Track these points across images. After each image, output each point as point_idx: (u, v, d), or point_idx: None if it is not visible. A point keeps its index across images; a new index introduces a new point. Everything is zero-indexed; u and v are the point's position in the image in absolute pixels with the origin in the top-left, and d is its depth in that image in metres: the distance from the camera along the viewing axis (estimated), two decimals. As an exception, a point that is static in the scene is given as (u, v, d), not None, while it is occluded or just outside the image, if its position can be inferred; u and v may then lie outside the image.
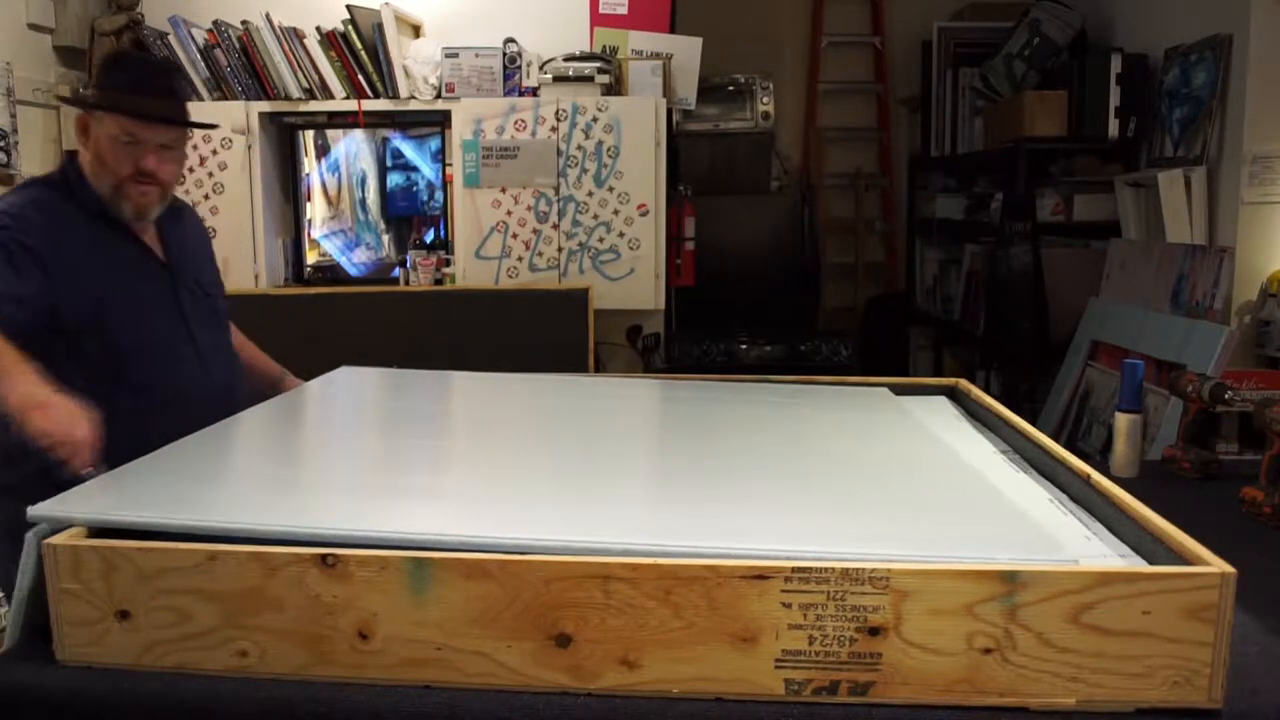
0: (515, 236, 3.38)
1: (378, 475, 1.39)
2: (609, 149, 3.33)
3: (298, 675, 1.02)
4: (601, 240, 3.35)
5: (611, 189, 3.34)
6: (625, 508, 1.23)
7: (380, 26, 3.34)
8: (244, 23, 3.38)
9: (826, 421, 1.69)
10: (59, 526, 1.07)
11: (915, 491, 1.29)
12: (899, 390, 2.02)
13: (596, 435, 1.61)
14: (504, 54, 3.39)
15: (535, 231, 3.37)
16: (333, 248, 3.86)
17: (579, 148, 3.33)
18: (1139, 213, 3.44)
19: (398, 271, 3.64)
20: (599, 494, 1.27)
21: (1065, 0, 3.85)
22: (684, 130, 3.78)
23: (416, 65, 3.39)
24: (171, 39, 3.39)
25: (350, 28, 3.37)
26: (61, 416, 1.36)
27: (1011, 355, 3.76)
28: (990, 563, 0.97)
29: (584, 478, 1.35)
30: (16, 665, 1.07)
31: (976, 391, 1.93)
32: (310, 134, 3.73)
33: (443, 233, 3.72)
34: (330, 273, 3.80)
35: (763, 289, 4.05)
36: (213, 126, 2.20)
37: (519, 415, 1.79)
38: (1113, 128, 3.46)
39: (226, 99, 3.43)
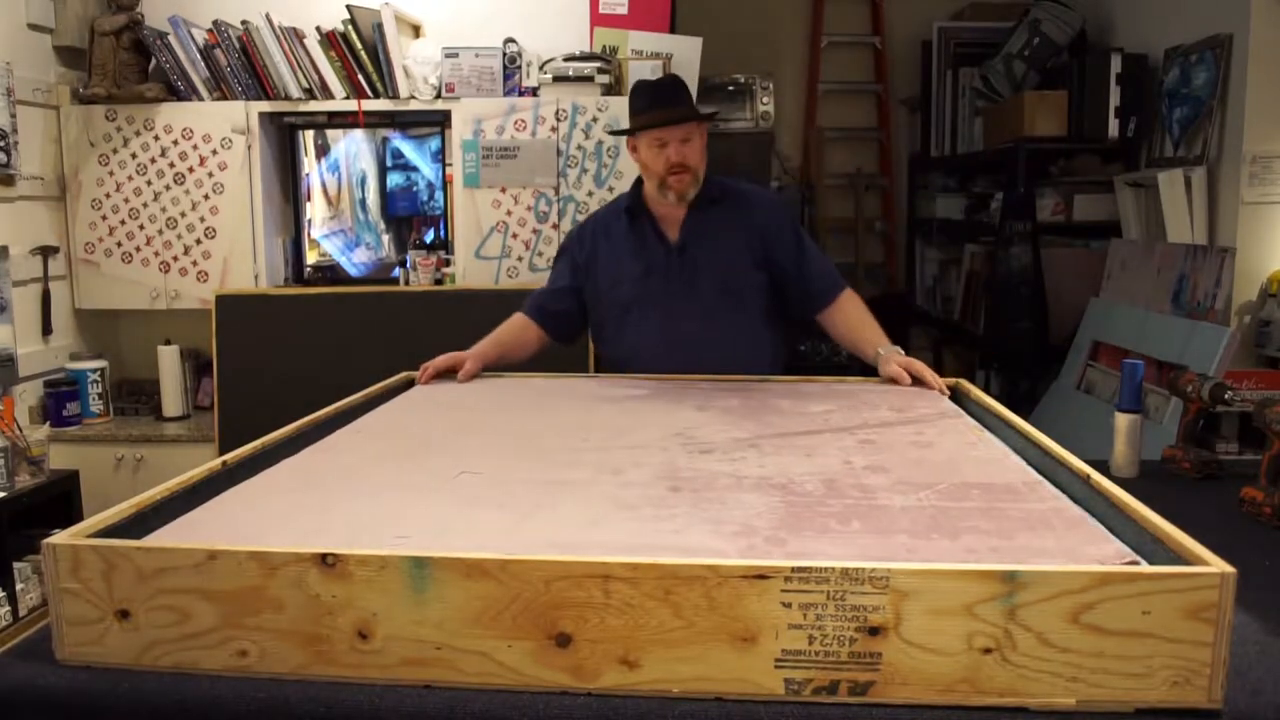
0: (515, 236, 3.38)
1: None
2: (609, 149, 3.33)
3: (297, 675, 1.02)
4: (601, 240, 3.35)
5: (611, 189, 3.34)
6: None
7: (380, 26, 3.35)
8: (244, 23, 3.38)
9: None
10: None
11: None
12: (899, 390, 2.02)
13: None
14: (504, 54, 3.39)
15: (535, 231, 3.37)
16: (333, 248, 3.86)
17: (579, 148, 3.33)
18: (1139, 213, 3.44)
19: (398, 271, 3.64)
20: None
21: (1065, 0, 3.85)
22: (684, 130, 3.77)
23: (416, 65, 3.39)
24: (171, 39, 3.39)
25: (350, 28, 3.37)
26: None
27: (1011, 355, 3.76)
28: (990, 563, 0.97)
29: None
30: (16, 665, 1.07)
31: (976, 391, 1.93)
32: (310, 134, 3.73)
33: (443, 233, 3.72)
34: (330, 273, 3.81)
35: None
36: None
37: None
38: (1113, 128, 3.46)
39: (226, 99, 3.43)
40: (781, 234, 2.28)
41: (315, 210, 3.79)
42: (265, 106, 3.42)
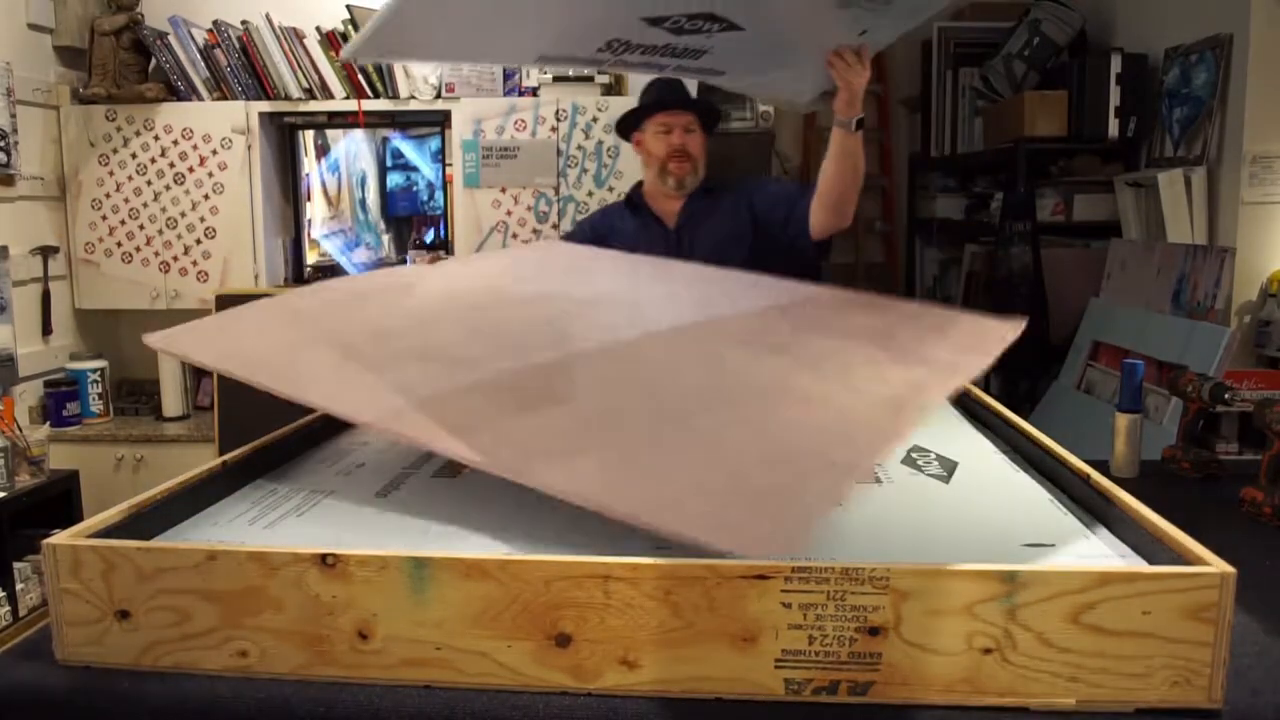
0: (515, 236, 3.38)
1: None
2: (609, 149, 3.33)
3: (297, 675, 1.02)
4: (601, 240, 3.35)
5: (611, 189, 3.34)
6: None
7: (380, 26, 3.34)
8: (244, 23, 3.38)
9: None
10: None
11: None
12: (899, 390, 2.02)
13: None
14: (504, 54, 3.39)
15: (535, 231, 3.38)
16: (333, 248, 3.86)
17: (579, 148, 3.33)
18: (1139, 213, 3.43)
19: (398, 271, 3.64)
20: None
21: (1065, 0, 3.84)
22: (684, 130, 3.77)
23: (416, 65, 3.39)
24: (171, 39, 3.39)
25: (350, 28, 3.38)
26: None
27: (1011, 355, 3.75)
28: (990, 563, 0.97)
29: None
30: (16, 665, 1.07)
31: (976, 391, 1.93)
32: (310, 134, 3.73)
33: (443, 233, 3.72)
34: (330, 273, 3.80)
35: (763, 289, 4.03)
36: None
37: None
38: (1113, 128, 3.46)
39: (226, 99, 3.43)
40: (765, 189, 2.46)
41: (315, 210, 3.80)
42: (265, 106, 3.42)
